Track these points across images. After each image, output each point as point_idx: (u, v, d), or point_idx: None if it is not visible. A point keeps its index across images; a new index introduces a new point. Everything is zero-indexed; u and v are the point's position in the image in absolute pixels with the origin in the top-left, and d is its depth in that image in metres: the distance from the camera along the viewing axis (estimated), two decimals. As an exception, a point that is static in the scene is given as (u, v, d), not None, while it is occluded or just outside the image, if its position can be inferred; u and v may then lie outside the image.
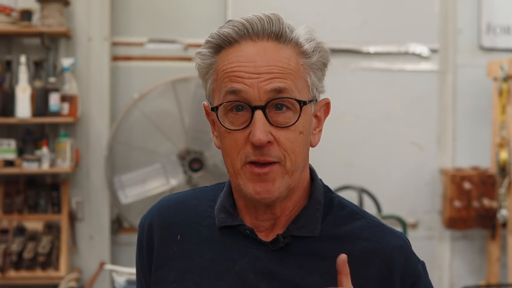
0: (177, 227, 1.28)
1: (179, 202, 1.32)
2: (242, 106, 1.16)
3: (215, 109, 1.18)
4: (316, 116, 1.23)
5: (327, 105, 1.25)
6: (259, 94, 1.14)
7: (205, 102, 1.25)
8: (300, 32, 1.19)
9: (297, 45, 1.18)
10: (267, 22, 1.17)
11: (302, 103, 1.16)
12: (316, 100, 1.22)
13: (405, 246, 1.24)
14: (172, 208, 1.31)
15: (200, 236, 1.26)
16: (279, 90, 1.15)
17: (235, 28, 1.17)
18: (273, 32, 1.17)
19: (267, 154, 1.15)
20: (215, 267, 1.22)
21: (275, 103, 1.15)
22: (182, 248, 1.26)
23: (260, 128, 1.13)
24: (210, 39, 1.20)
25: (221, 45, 1.18)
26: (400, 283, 1.20)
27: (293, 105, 1.16)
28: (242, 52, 1.16)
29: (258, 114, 1.14)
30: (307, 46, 1.19)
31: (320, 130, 1.25)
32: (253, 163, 1.16)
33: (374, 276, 1.20)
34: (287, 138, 1.15)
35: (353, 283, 1.17)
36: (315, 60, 1.20)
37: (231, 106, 1.16)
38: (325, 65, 1.22)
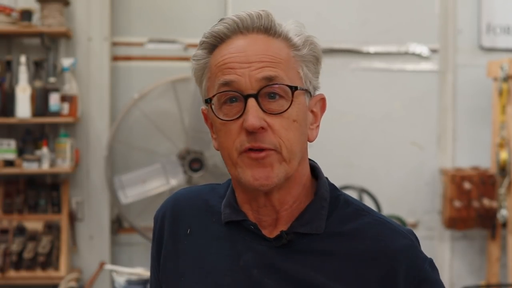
0: (187, 221, 1.30)
1: (192, 196, 1.34)
2: (236, 98, 1.17)
3: (209, 100, 1.20)
4: (312, 111, 1.24)
5: (322, 100, 1.26)
6: (251, 83, 1.16)
7: (203, 107, 1.26)
8: (289, 27, 1.22)
9: (286, 38, 1.21)
10: (256, 18, 1.20)
11: (294, 89, 1.18)
12: (311, 94, 1.23)
13: (412, 244, 1.23)
14: (185, 202, 1.33)
15: (209, 232, 1.27)
16: (270, 78, 1.17)
17: (226, 24, 1.20)
18: (262, 26, 1.20)
19: (261, 141, 1.16)
20: (221, 262, 1.23)
21: (267, 91, 1.17)
22: (191, 242, 1.28)
23: (253, 113, 1.15)
24: (203, 39, 1.23)
25: (214, 43, 1.21)
26: (406, 283, 1.19)
27: (286, 92, 1.18)
28: (233, 44, 1.19)
29: (251, 101, 1.16)
30: (296, 39, 1.21)
31: (318, 126, 1.26)
32: (249, 150, 1.17)
33: (378, 276, 1.20)
34: (281, 125, 1.17)
35: (356, 281, 1.18)
36: (305, 52, 1.21)
37: (224, 98, 1.18)
38: (316, 59, 1.23)
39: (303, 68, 1.21)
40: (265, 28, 1.20)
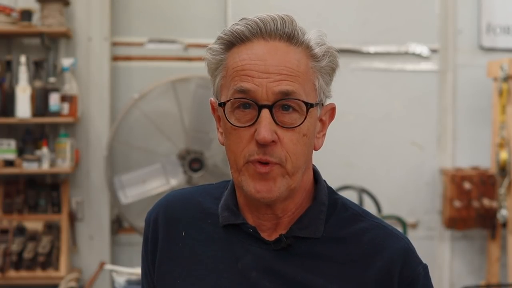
0: (182, 223, 1.29)
1: (184, 198, 1.33)
2: (249, 104, 1.16)
3: (222, 105, 1.19)
4: (321, 120, 1.24)
5: (332, 110, 1.26)
6: (267, 94, 1.15)
7: (212, 98, 1.25)
8: (312, 36, 1.20)
9: (308, 48, 1.19)
10: (280, 23, 1.18)
11: (309, 106, 1.17)
12: (323, 104, 1.23)
13: (407, 248, 1.24)
14: (178, 203, 1.32)
15: (204, 233, 1.27)
16: (287, 93, 1.15)
17: (248, 26, 1.18)
18: (285, 33, 1.18)
19: (269, 154, 1.15)
20: (218, 264, 1.24)
21: (282, 104, 1.16)
22: (186, 244, 1.27)
23: (266, 126, 1.14)
24: (222, 35, 1.20)
25: (232, 42, 1.19)
26: (399, 282, 1.20)
27: (300, 107, 1.17)
28: (253, 50, 1.17)
29: (265, 112, 1.15)
30: (317, 50, 1.20)
31: (324, 134, 1.26)
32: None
33: (375, 278, 1.20)
34: (291, 139, 1.16)
35: (354, 284, 1.19)
36: (324, 64, 1.20)
37: (238, 103, 1.17)
38: (333, 70, 1.23)
39: (319, 80, 1.20)
40: (288, 35, 1.18)
